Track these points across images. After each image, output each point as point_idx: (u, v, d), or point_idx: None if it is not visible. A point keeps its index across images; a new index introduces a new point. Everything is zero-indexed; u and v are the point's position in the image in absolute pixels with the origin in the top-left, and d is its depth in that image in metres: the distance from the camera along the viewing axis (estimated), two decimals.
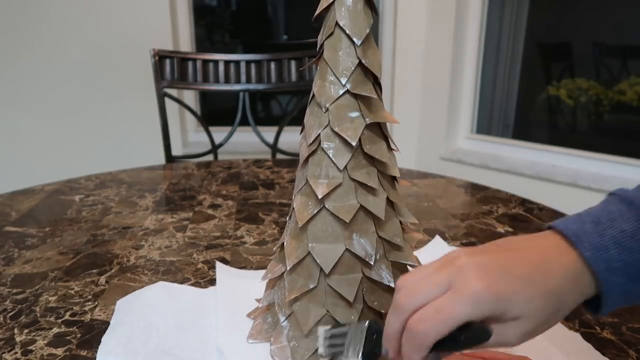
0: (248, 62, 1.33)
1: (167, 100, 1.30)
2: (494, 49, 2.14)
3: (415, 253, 0.48)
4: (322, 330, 0.41)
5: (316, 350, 0.44)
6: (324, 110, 0.43)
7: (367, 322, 0.39)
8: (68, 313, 0.53)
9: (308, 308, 0.44)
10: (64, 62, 1.98)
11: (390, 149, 0.45)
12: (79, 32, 1.95)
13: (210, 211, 0.83)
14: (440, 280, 0.33)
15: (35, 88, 2.00)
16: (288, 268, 0.45)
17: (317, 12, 0.42)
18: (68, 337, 0.49)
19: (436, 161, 2.11)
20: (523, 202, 0.88)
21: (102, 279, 0.61)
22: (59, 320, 0.52)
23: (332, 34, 0.42)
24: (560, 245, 0.35)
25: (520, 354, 0.40)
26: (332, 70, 0.42)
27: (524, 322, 0.33)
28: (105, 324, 0.51)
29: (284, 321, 0.46)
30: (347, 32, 0.41)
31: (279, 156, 1.34)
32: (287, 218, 0.49)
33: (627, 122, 1.99)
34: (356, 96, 0.42)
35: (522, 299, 0.32)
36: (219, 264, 0.62)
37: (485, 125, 2.19)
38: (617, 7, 1.95)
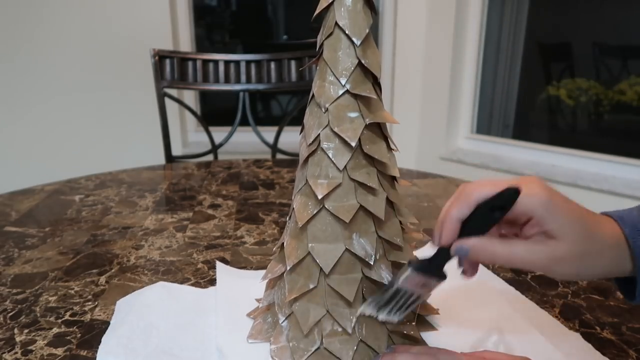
0: (248, 62, 1.33)
1: (167, 100, 1.30)
2: (494, 49, 2.14)
3: (415, 253, 0.48)
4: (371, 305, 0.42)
5: (317, 349, 0.44)
6: (323, 111, 0.43)
7: (408, 265, 0.40)
8: (68, 313, 0.53)
9: (308, 308, 0.44)
10: (64, 62, 1.98)
11: (390, 149, 0.45)
12: (79, 32, 1.95)
13: (210, 211, 0.83)
14: (509, 184, 0.37)
15: (35, 88, 2.00)
16: (288, 268, 0.45)
17: (317, 12, 0.42)
18: (68, 337, 0.49)
19: (436, 161, 2.11)
20: None
21: (102, 279, 0.61)
22: (59, 320, 0.52)
23: (331, 34, 0.42)
24: (607, 219, 0.39)
25: (520, 355, 0.40)
26: (331, 71, 0.42)
27: (557, 244, 0.36)
28: (105, 324, 0.51)
29: (283, 321, 0.46)
30: (346, 32, 0.41)
31: (279, 156, 1.34)
32: (287, 218, 0.49)
33: (627, 122, 1.99)
34: (356, 96, 0.42)
35: (567, 217, 0.35)
36: (219, 264, 0.62)
37: (485, 125, 2.19)
38: (617, 7, 1.95)
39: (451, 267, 0.41)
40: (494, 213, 0.37)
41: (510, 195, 0.36)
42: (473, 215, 0.38)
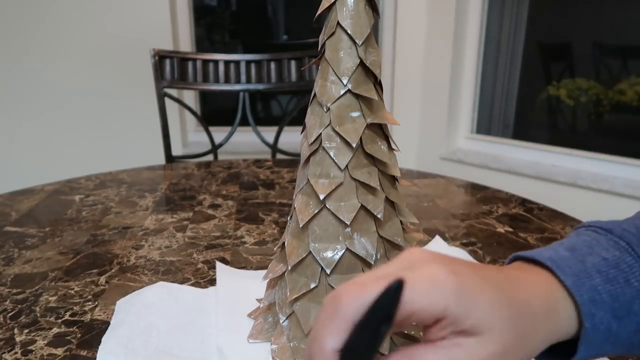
0: (248, 62, 1.33)
1: (167, 100, 1.30)
2: (494, 49, 2.14)
3: None
4: None
5: None
6: (325, 110, 0.43)
7: None
8: (68, 313, 0.53)
9: (309, 308, 0.44)
10: (63, 62, 1.98)
11: (390, 148, 0.45)
12: (79, 32, 1.95)
13: (210, 211, 0.83)
14: (389, 271, 0.25)
15: (35, 88, 2.00)
16: (289, 267, 0.45)
17: (319, 12, 0.42)
18: (68, 337, 0.49)
19: (436, 161, 2.11)
20: (523, 202, 0.88)
21: (102, 279, 0.61)
22: (59, 320, 0.52)
23: (333, 34, 0.42)
24: (534, 272, 0.29)
25: None
26: (333, 70, 0.42)
27: (480, 343, 0.25)
28: (105, 324, 0.51)
29: (284, 321, 0.46)
30: (348, 32, 0.41)
31: (279, 156, 1.34)
32: (288, 217, 0.49)
33: (627, 122, 1.99)
34: (357, 96, 0.42)
35: (487, 303, 0.25)
36: (219, 264, 0.62)
37: (485, 125, 2.19)
38: (617, 7, 1.95)
39: None
40: (379, 328, 0.24)
41: (392, 294, 0.23)
42: (352, 340, 0.24)
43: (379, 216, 0.43)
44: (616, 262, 0.29)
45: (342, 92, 0.42)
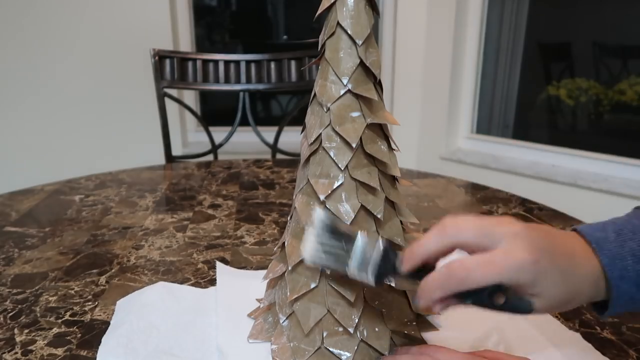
0: (248, 62, 1.33)
1: (167, 100, 1.30)
2: (494, 49, 2.14)
3: None
4: (317, 228, 0.38)
5: (318, 349, 0.44)
6: (325, 110, 0.43)
7: (383, 239, 0.38)
8: (68, 313, 0.53)
9: (309, 308, 0.44)
10: (63, 62, 1.98)
11: (390, 148, 0.45)
12: (79, 32, 1.95)
13: (210, 211, 0.83)
14: (492, 232, 0.35)
15: (35, 88, 2.00)
16: (289, 267, 0.45)
17: (319, 12, 0.42)
18: (68, 337, 0.49)
19: (436, 161, 2.11)
20: (523, 202, 0.88)
21: (102, 279, 0.61)
22: (59, 320, 0.52)
23: (333, 33, 0.42)
24: (585, 250, 0.37)
25: (520, 355, 0.40)
26: (333, 70, 0.42)
27: (540, 301, 0.35)
28: (106, 324, 0.51)
29: (284, 321, 0.46)
30: (348, 32, 0.41)
31: (279, 156, 1.34)
32: (288, 217, 0.49)
33: (627, 122, 1.99)
34: (357, 96, 0.42)
35: (550, 282, 0.35)
36: (219, 264, 0.62)
37: (485, 125, 2.19)
38: (617, 7, 1.95)
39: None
40: (494, 298, 0.36)
41: (523, 308, 0.36)
42: (474, 292, 0.35)
43: (379, 216, 0.43)
44: None
45: (342, 92, 0.42)
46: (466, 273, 0.34)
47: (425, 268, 0.37)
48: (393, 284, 0.43)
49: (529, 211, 0.84)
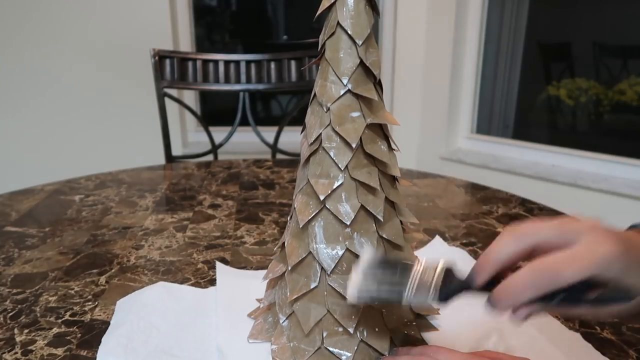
0: (248, 62, 1.33)
1: (167, 100, 1.30)
2: (494, 49, 2.14)
3: (416, 253, 0.48)
4: (365, 263, 0.37)
5: (318, 349, 0.44)
6: (325, 110, 0.43)
7: (444, 262, 0.37)
8: (68, 313, 0.53)
9: (309, 308, 0.44)
10: (64, 62, 1.98)
11: (390, 148, 0.45)
12: (79, 32, 1.95)
13: (210, 211, 0.83)
14: (570, 228, 0.34)
15: (35, 88, 2.00)
16: (289, 267, 0.45)
17: (319, 12, 0.42)
18: (68, 337, 0.49)
19: (436, 161, 2.11)
20: (523, 202, 0.88)
21: (102, 279, 0.61)
22: (59, 320, 0.52)
23: (333, 34, 0.42)
24: None
25: (520, 355, 0.40)
26: (333, 70, 0.42)
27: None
28: (105, 324, 0.51)
29: (284, 321, 0.46)
30: (348, 32, 0.41)
31: (279, 156, 1.34)
32: (288, 217, 0.49)
33: (627, 122, 1.99)
34: (357, 96, 0.42)
35: (633, 277, 0.33)
36: (219, 264, 0.62)
37: (485, 125, 2.19)
38: (617, 7, 1.95)
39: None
40: (585, 294, 0.34)
41: (622, 297, 0.34)
42: (564, 291, 0.34)
43: (379, 216, 0.43)
44: None
45: (342, 92, 0.42)
46: (556, 270, 0.32)
47: (497, 280, 0.35)
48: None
49: (529, 211, 0.84)
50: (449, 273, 0.37)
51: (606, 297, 0.34)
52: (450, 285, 0.37)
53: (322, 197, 0.42)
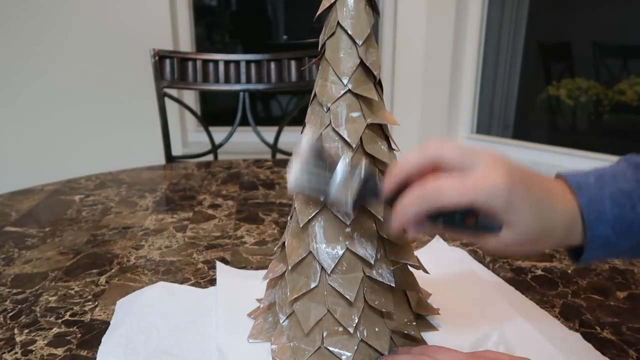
0: (248, 62, 1.33)
1: (167, 100, 1.30)
2: (494, 48, 2.14)
3: (416, 253, 0.48)
4: (303, 154, 0.38)
5: (318, 349, 0.44)
6: (325, 110, 0.43)
7: (366, 164, 0.38)
8: (68, 313, 0.53)
9: (309, 307, 0.44)
10: (63, 62, 1.98)
11: (390, 148, 0.45)
12: (79, 32, 1.95)
13: (210, 211, 0.83)
14: (472, 154, 0.36)
15: (36, 88, 2.00)
16: (289, 267, 0.45)
17: (319, 12, 0.42)
18: (68, 337, 0.49)
19: None
20: None
21: (102, 279, 0.61)
22: (59, 320, 0.52)
23: (333, 34, 0.42)
24: (564, 191, 0.38)
25: (520, 355, 0.40)
26: (333, 70, 0.42)
27: (508, 232, 0.36)
28: (106, 324, 0.51)
29: (284, 321, 0.46)
30: (348, 32, 0.41)
31: (279, 156, 1.34)
32: (288, 217, 0.49)
33: (627, 122, 1.99)
34: (357, 96, 0.42)
35: (522, 211, 0.35)
36: (219, 264, 0.62)
37: (485, 125, 2.19)
38: (617, 7, 1.95)
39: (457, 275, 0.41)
40: (465, 220, 0.36)
41: (490, 227, 0.36)
42: (446, 213, 0.36)
43: (378, 216, 0.43)
44: (629, 192, 0.37)
45: (342, 92, 0.42)
46: (441, 191, 0.34)
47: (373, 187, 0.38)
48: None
49: None
50: (366, 178, 0.38)
51: (479, 225, 0.36)
52: (365, 190, 0.38)
53: (322, 198, 0.42)
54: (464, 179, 0.34)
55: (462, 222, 0.36)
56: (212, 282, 0.60)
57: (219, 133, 1.47)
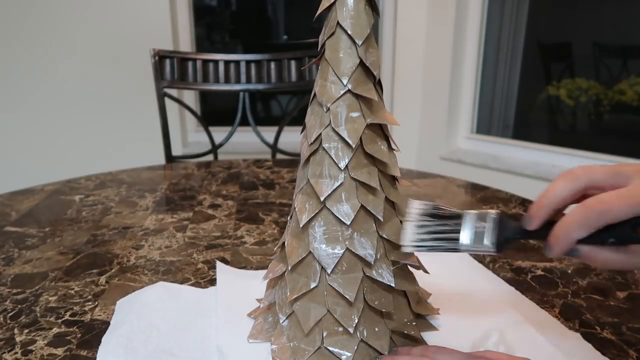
0: (248, 62, 1.33)
1: (167, 100, 1.30)
2: (494, 49, 2.14)
3: (416, 253, 0.48)
4: (415, 215, 0.37)
5: (318, 349, 0.44)
6: (325, 110, 0.43)
7: (495, 212, 0.37)
8: (68, 313, 0.53)
9: (309, 307, 0.44)
10: (64, 62, 1.98)
11: (390, 148, 0.45)
12: (79, 32, 1.95)
13: (210, 211, 0.83)
14: (622, 170, 0.34)
15: (36, 88, 2.00)
16: (289, 267, 0.45)
17: (319, 12, 0.42)
18: (68, 337, 0.49)
19: (436, 161, 2.11)
20: (523, 202, 0.88)
21: (102, 279, 0.61)
22: (59, 320, 0.52)
23: (333, 34, 0.42)
24: None
25: (521, 355, 0.40)
26: (333, 70, 0.42)
27: None
28: (106, 324, 0.51)
29: (284, 321, 0.46)
30: (348, 32, 0.41)
31: (279, 156, 1.34)
32: (288, 217, 0.49)
33: (627, 122, 1.99)
34: (357, 96, 0.42)
35: None
36: (219, 264, 0.62)
37: (485, 125, 2.19)
38: (617, 7, 1.95)
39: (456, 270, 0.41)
40: (637, 231, 0.34)
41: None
42: (616, 228, 0.34)
43: (379, 216, 0.43)
44: None
45: (342, 92, 0.42)
46: (606, 206, 0.33)
47: (552, 224, 0.35)
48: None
49: None
50: (502, 220, 0.37)
51: None
52: (505, 232, 0.37)
53: (322, 197, 0.42)
54: (625, 191, 0.33)
55: (632, 234, 0.34)
56: (212, 282, 0.60)
57: (219, 133, 1.48)
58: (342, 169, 0.42)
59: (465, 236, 0.37)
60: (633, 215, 0.32)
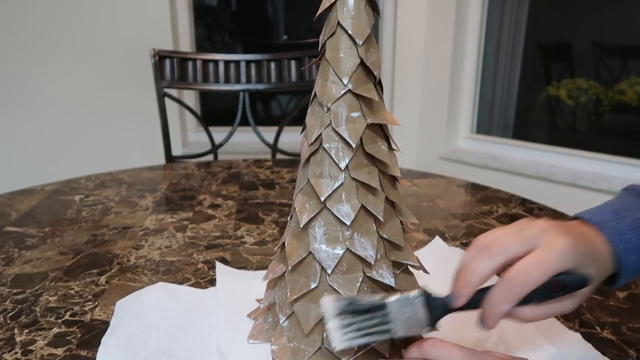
0: (248, 62, 1.33)
1: (167, 100, 1.30)
2: (494, 49, 2.14)
3: (416, 253, 0.48)
4: (332, 315, 0.37)
5: (318, 349, 0.44)
6: (325, 110, 0.43)
7: (417, 291, 0.38)
8: (68, 313, 0.53)
9: (309, 308, 0.44)
10: (64, 62, 1.98)
11: (391, 148, 0.45)
12: (79, 32, 1.95)
13: (210, 211, 0.83)
14: (530, 235, 0.38)
15: (36, 88, 2.00)
16: (289, 268, 0.45)
17: (319, 12, 0.42)
18: (68, 337, 0.49)
19: (436, 161, 2.11)
20: (523, 202, 0.88)
21: (102, 279, 0.61)
22: (59, 320, 0.52)
23: (333, 33, 0.42)
24: (592, 232, 0.41)
25: (520, 355, 0.40)
26: (333, 70, 0.42)
27: (587, 291, 0.39)
28: (105, 324, 0.51)
29: (284, 321, 0.46)
30: (349, 32, 0.41)
31: (279, 156, 1.34)
32: (288, 217, 0.49)
33: (627, 122, 1.99)
34: (357, 96, 0.42)
35: (587, 262, 0.38)
36: (219, 264, 0.62)
37: (485, 125, 2.19)
38: (617, 7, 1.95)
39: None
40: (558, 291, 0.38)
41: (580, 281, 0.38)
42: (536, 291, 0.37)
43: (379, 216, 0.43)
44: None
45: (342, 92, 0.42)
46: (525, 277, 0.36)
47: (477, 293, 0.38)
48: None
49: (529, 211, 0.84)
50: (427, 301, 0.39)
51: (569, 284, 0.38)
52: (434, 311, 0.39)
53: (322, 197, 0.42)
54: (537, 256, 0.36)
55: (551, 292, 0.38)
56: (212, 282, 0.60)
57: (219, 133, 1.48)
58: (343, 169, 0.42)
59: (396, 327, 0.38)
60: (547, 277, 0.36)
